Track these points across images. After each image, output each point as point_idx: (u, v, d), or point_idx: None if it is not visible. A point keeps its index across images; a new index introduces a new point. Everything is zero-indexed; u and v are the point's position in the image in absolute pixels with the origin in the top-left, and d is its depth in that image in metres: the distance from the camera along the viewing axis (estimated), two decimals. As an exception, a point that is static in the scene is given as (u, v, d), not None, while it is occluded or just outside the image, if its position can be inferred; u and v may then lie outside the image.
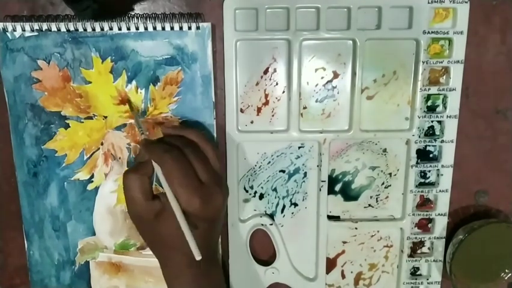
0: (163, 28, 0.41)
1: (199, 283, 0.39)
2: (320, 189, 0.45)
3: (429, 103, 0.44)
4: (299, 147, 0.45)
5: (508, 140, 0.45)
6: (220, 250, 0.45)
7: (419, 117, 0.43)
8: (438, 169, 0.45)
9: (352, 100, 0.43)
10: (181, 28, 0.41)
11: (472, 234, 0.43)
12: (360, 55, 0.42)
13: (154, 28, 0.41)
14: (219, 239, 0.45)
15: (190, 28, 0.41)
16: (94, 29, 0.41)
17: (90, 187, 0.44)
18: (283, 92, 0.43)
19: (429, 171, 0.45)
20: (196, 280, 0.38)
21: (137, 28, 0.41)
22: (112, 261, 0.46)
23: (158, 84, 0.42)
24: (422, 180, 0.45)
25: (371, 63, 0.43)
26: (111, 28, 0.41)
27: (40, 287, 0.46)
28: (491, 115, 0.44)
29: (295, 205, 0.46)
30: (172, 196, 0.35)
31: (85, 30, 0.41)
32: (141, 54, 0.41)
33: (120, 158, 0.44)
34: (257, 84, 0.43)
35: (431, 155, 0.45)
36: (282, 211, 0.46)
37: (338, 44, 0.42)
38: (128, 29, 0.41)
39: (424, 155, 0.45)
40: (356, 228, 0.46)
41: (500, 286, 0.46)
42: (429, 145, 0.44)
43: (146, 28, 0.41)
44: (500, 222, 0.45)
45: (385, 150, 0.45)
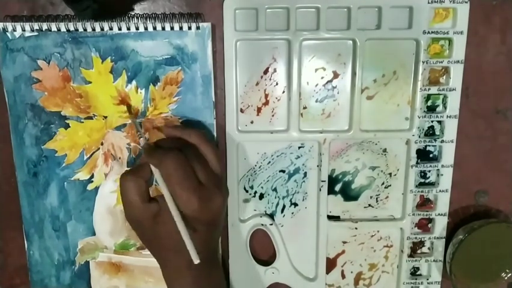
0: (163, 28, 0.41)
1: (199, 285, 0.38)
2: (320, 189, 0.45)
3: (429, 103, 0.44)
4: (299, 147, 0.44)
5: (508, 140, 0.45)
6: (220, 250, 0.45)
7: (419, 117, 0.43)
8: (438, 169, 0.45)
9: (352, 100, 0.43)
10: (181, 28, 0.41)
11: (472, 234, 0.43)
12: (360, 55, 0.42)
13: (154, 28, 0.41)
14: (219, 240, 0.45)
15: (190, 28, 0.41)
16: (94, 29, 0.41)
17: (90, 187, 0.44)
18: (283, 92, 0.43)
19: (429, 171, 0.45)
20: (196, 282, 0.38)
21: (137, 28, 0.41)
22: (112, 261, 0.46)
23: (158, 84, 0.42)
24: (422, 180, 0.45)
25: (371, 63, 0.43)
26: (111, 28, 0.41)
27: (40, 287, 0.46)
28: (491, 115, 0.44)
29: (295, 205, 0.46)
30: (170, 198, 0.35)
31: (85, 30, 0.41)
32: (141, 54, 0.41)
33: (120, 158, 0.44)
34: (257, 84, 0.43)
35: (431, 155, 0.45)
36: (282, 211, 0.46)
37: (338, 44, 0.42)
38: (128, 29, 0.41)
39: (424, 155, 0.45)
40: (356, 228, 0.46)
41: (500, 286, 0.46)
42: (429, 145, 0.44)
43: (146, 28, 0.41)
44: (500, 222, 0.45)
45: (385, 150, 0.45)
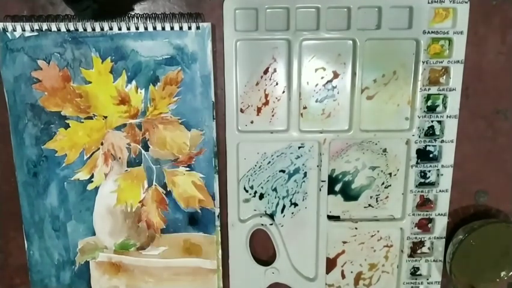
0: (163, 28, 0.41)
1: None
2: (320, 189, 0.45)
3: (429, 103, 0.44)
4: (299, 147, 0.45)
5: (508, 140, 0.45)
6: (220, 250, 0.45)
7: (419, 117, 0.43)
8: (438, 169, 0.45)
9: (352, 100, 0.43)
10: (181, 28, 0.41)
11: (472, 234, 0.43)
12: (360, 55, 0.42)
13: (154, 28, 0.41)
14: (219, 239, 0.45)
15: (190, 28, 0.41)
16: (94, 29, 0.41)
17: (90, 187, 0.44)
18: (283, 92, 0.43)
19: (429, 171, 0.45)
20: None
21: (137, 28, 0.41)
22: (112, 261, 0.46)
23: (158, 84, 0.42)
24: (422, 180, 0.45)
25: (371, 63, 0.43)
26: (111, 28, 0.41)
27: (40, 287, 0.46)
28: (491, 115, 0.44)
29: (295, 205, 0.46)
30: None
31: (85, 30, 0.41)
32: (141, 54, 0.41)
33: (120, 158, 0.44)
34: (257, 84, 0.43)
35: (431, 155, 0.45)
36: (282, 211, 0.46)
37: (338, 44, 0.42)
38: (128, 29, 0.41)
39: (424, 155, 0.45)
40: (356, 228, 0.46)
41: (500, 286, 0.46)
42: (429, 145, 0.44)
43: (146, 28, 0.41)
44: (500, 222, 0.45)
45: (385, 150, 0.45)
